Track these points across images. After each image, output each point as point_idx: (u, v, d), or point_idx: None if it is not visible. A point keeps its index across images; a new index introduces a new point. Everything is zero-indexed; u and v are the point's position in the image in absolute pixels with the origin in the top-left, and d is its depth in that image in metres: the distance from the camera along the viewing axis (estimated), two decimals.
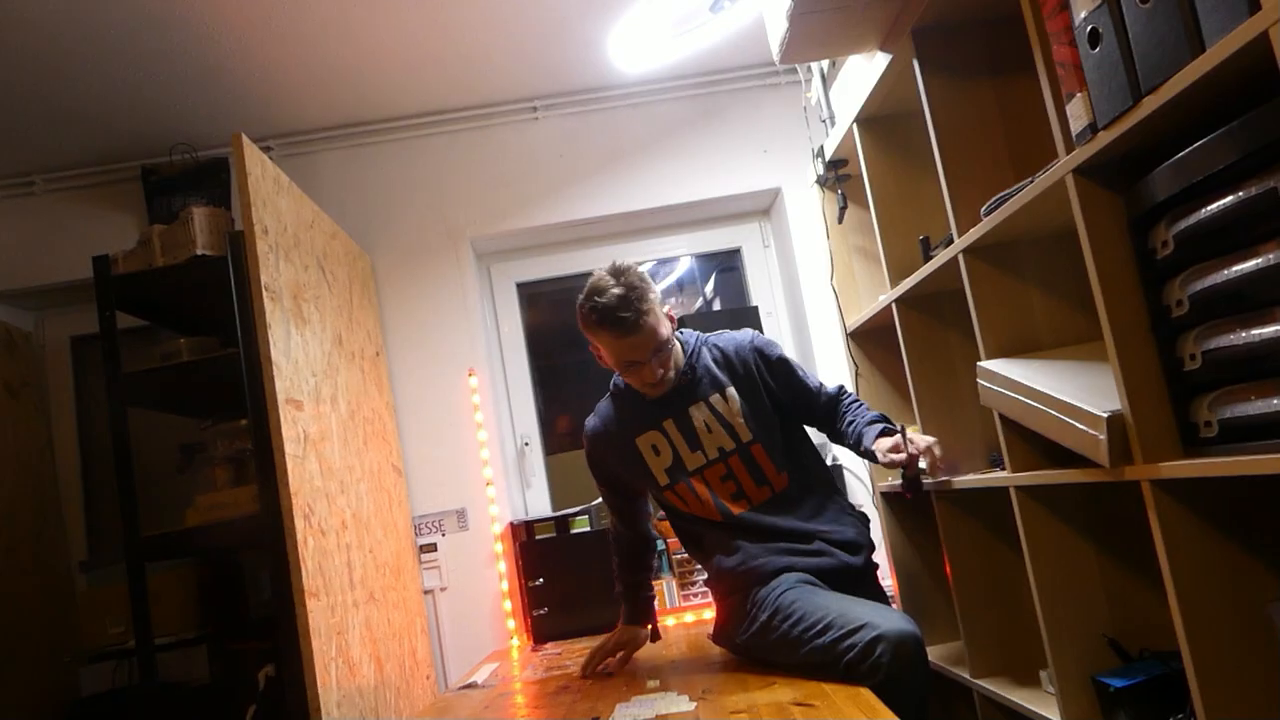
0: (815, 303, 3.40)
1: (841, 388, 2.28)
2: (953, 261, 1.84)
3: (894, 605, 2.33)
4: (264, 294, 2.27)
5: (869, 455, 2.09)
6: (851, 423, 2.15)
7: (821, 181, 2.68)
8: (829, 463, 3.32)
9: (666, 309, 2.15)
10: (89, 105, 3.00)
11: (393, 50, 2.99)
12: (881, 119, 2.28)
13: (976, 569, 2.12)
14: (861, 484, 3.29)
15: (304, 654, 2.16)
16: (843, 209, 2.56)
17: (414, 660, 3.01)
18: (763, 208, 3.73)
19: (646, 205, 3.54)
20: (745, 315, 3.49)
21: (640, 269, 2.12)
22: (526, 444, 3.60)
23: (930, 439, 2.02)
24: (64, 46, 2.64)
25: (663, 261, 3.88)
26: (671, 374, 2.15)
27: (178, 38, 2.68)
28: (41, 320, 3.63)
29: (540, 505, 3.56)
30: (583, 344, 2.31)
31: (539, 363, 3.73)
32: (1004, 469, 1.88)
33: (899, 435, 2.01)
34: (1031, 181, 1.54)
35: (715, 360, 2.24)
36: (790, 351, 3.61)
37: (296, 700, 2.18)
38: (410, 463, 3.35)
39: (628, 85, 3.49)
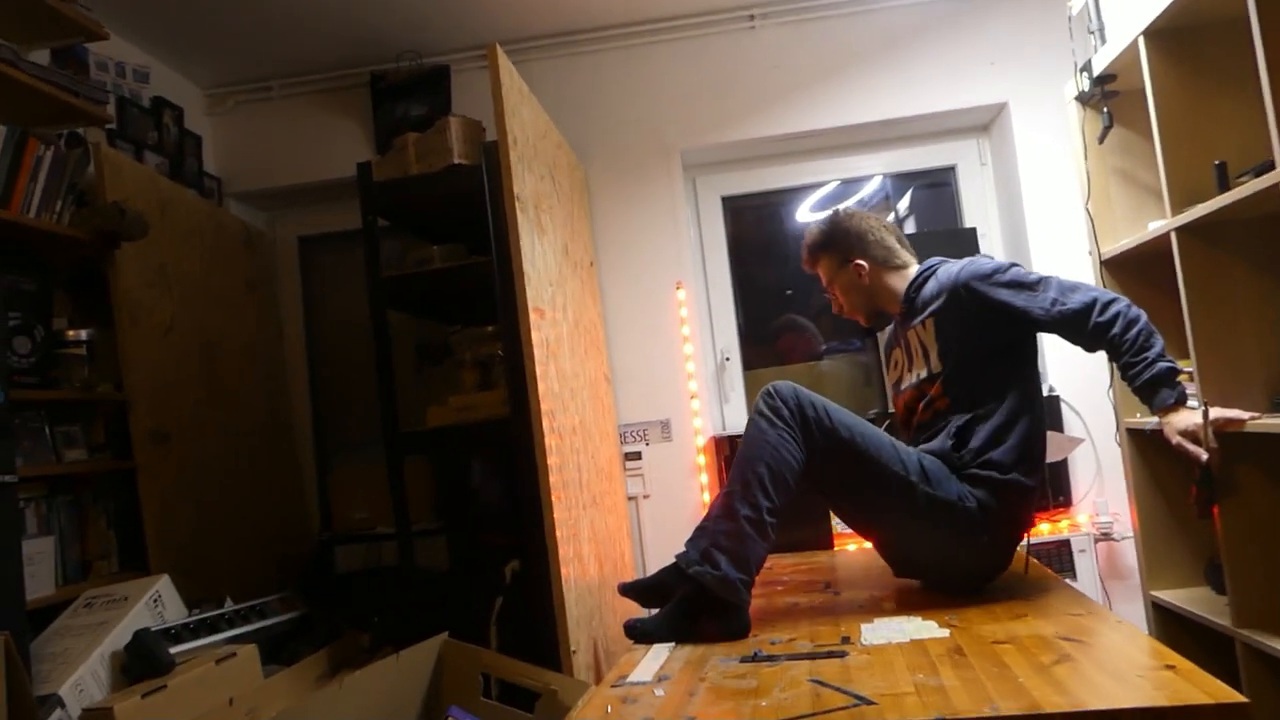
0: (1040, 225, 3.26)
1: (1089, 308, 1.99)
2: (1271, 191, 1.70)
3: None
4: (515, 204, 2.32)
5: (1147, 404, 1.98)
6: (1134, 366, 1.94)
7: (1084, 99, 2.51)
8: (1045, 392, 3.22)
9: (856, 261, 2.33)
10: (324, 10, 3.10)
11: None
12: (1175, 31, 2.09)
13: (1250, 515, 2.02)
14: (1079, 418, 3.18)
15: (550, 551, 2.26)
16: (1107, 128, 2.41)
17: (622, 563, 3.13)
18: (982, 124, 3.56)
19: (859, 120, 3.45)
20: (961, 237, 3.36)
21: (857, 217, 2.37)
22: (727, 359, 3.62)
23: (1241, 414, 1.90)
24: None
25: (848, 182, 3.75)
26: (849, 310, 2.41)
27: None
28: (273, 220, 3.84)
29: (737, 420, 3.59)
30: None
31: (740, 277, 3.72)
32: None
33: (1198, 417, 1.86)
34: None
35: (930, 290, 2.25)
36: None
37: (539, 594, 2.30)
38: (617, 373, 3.42)
39: None
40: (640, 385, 3.42)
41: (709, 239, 3.67)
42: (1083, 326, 2.00)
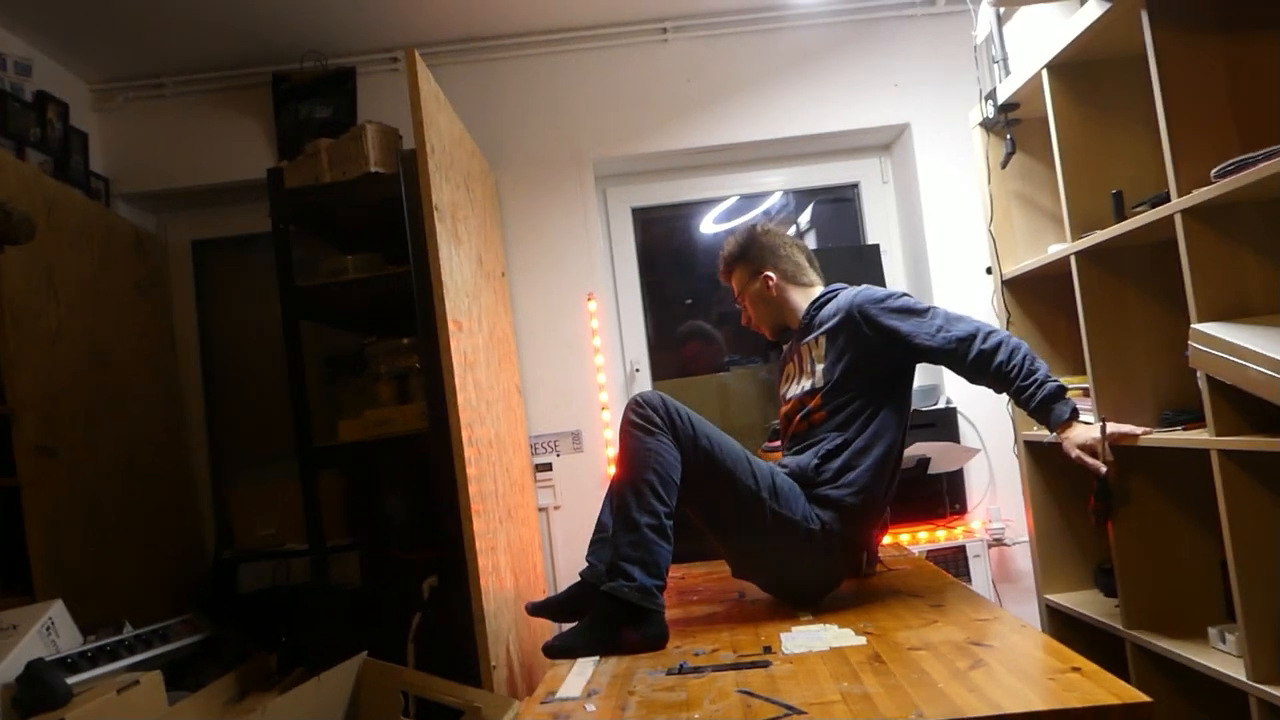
0: (939, 243, 3.39)
1: (973, 335, 2.11)
2: (1165, 221, 1.82)
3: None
4: (434, 214, 2.29)
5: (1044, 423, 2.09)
6: (1025, 389, 2.05)
7: (988, 125, 2.63)
8: (941, 404, 3.35)
9: (765, 273, 2.42)
10: (223, 6, 2.98)
11: None
12: (1076, 65, 2.21)
13: (1140, 524, 2.15)
14: (974, 430, 3.32)
15: (470, 565, 2.23)
16: (1010, 154, 2.53)
17: (535, 574, 3.11)
18: (884, 143, 3.68)
19: (768, 135, 3.51)
20: (865, 254, 3.48)
21: (772, 234, 2.48)
22: (637, 370, 3.64)
23: (1134, 429, 2.04)
24: None
25: (748, 196, 3.82)
26: (756, 322, 2.50)
27: None
28: (164, 223, 3.68)
29: None
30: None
31: (647, 288, 3.75)
32: (1184, 429, 1.90)
33: (1096, 431, 1.99)
34: None
35: (828, 311, 2.35)
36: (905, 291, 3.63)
37: (458, 610, 2.27)
38: (528, 384, 3.40)
39: (763, 9, 3.42)
40: (551, 396, 3.40)
41: (619, 250, 3.69)
42: (967, 352, 2.11)
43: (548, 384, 3.41)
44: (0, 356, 2.46)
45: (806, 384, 2.31)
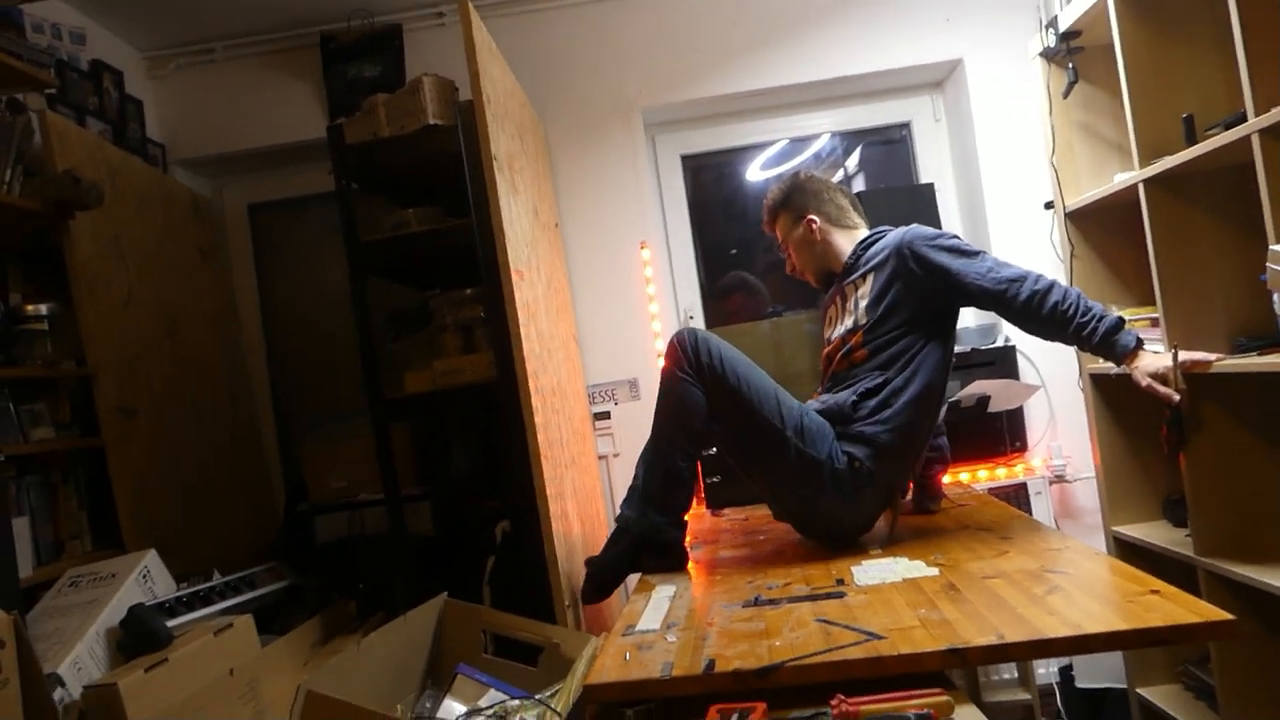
0: (995, 180, 3.34)
1: (1023, 278, 2.07)
2: (1241, 142, 1.78)
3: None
4: (493, 164, 2.30)
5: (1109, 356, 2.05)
6: (1086, 325, 2.01)
7: (1049, 54, 2.58)
8: (999, 343, 3.33)
9: (809, 217, 2.44)
10: None
11: None
12: None
13: (1212, 452, 2.13)
14: (1033, 367, 3.29)
15: (540, 509, 2.28)
16: (1072, 83, 2.48)
17: (597, 521, 3.16)
18: (936, 80, 3.62)
19: (817, 77, 3.46)
20: (919, 193, 3.43)
21: (814, 179, 2.48)
22: (691, 317, 3.65)
23: (1208, 355, 2.01)
24: None
25: (796, 140, 3.78)
26: (800, 269, 2.52)
27: None
28: (220, 187, 3.73)
29: None
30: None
31: (701, 237, 3.74)
32: (1259, 355, 1.87)
33: (1167, 360, 1.96)
34: None
35: (875, 250, 2.33)
36: (959, 229, 3.60)
37: (528, 553, 2.32)
38: (584, 333, 3.42)
39: None
40: (607, 345, 3.43)
41: (669, 197, 3.68)
42: (1018, 294, 2.06)
43: (603, 333, 3.43)
44: (77, 322, 2.54)
45: (849, 321, 2.30)
